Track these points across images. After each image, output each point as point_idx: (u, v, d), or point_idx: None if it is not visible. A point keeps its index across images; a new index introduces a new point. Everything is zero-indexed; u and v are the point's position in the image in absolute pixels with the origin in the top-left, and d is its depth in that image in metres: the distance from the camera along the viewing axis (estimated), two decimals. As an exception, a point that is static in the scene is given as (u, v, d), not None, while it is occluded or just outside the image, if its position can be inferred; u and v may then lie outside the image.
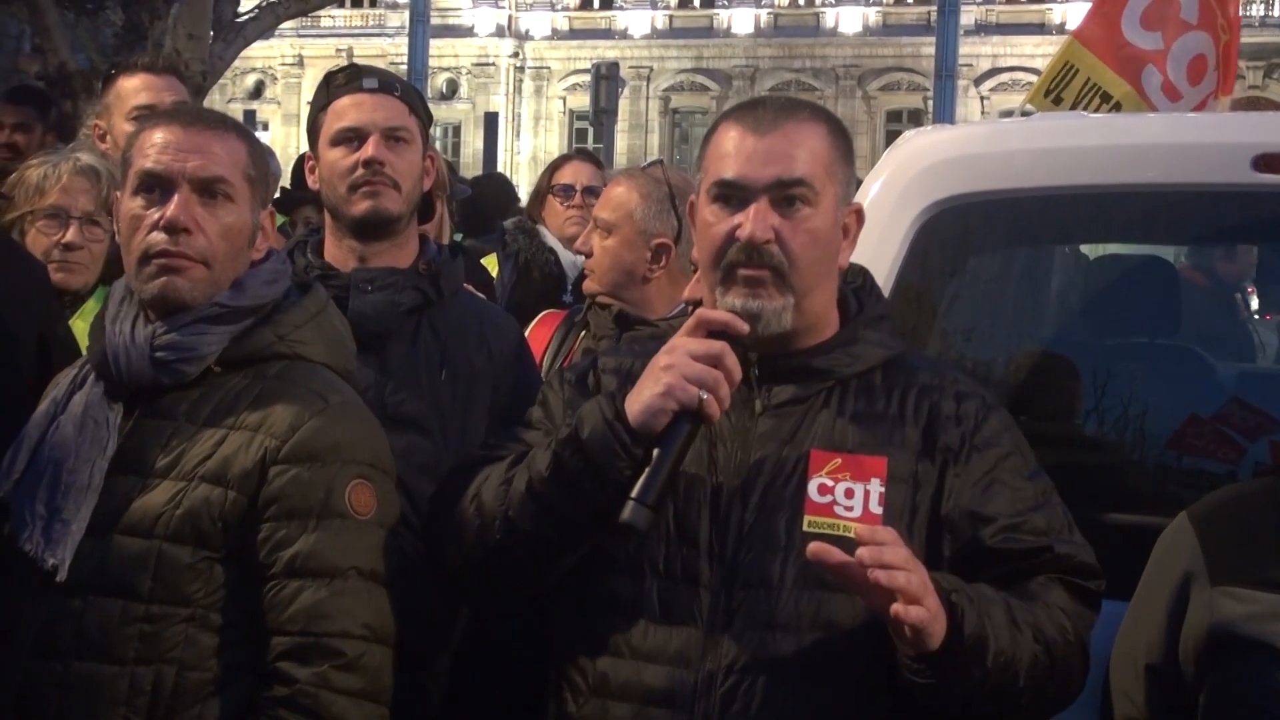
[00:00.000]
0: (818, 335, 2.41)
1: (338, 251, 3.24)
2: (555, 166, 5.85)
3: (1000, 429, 2.40)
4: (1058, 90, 5.64)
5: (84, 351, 2.70)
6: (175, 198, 2.48)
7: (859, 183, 2.97)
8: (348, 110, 3.21)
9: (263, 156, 2.63)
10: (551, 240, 5.54)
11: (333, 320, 2.64)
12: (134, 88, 4.47)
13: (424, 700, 3.07)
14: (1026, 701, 2.28)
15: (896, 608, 2.09)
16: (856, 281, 2.55)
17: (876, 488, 2.28)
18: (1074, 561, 2.37)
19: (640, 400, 2.24)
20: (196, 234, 2.48)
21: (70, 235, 3.70)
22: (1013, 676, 2.22)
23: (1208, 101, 5.41)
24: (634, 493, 2.21)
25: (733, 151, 2.35)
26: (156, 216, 2.48)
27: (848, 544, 2.24)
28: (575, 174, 5.68)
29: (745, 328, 2.28)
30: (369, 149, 3.17)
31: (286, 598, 2.38)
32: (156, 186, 2.50)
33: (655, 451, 2.23)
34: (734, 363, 2.25)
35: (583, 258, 5.55)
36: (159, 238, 2.47)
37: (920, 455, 2.34)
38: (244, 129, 2.63)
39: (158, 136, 2.52)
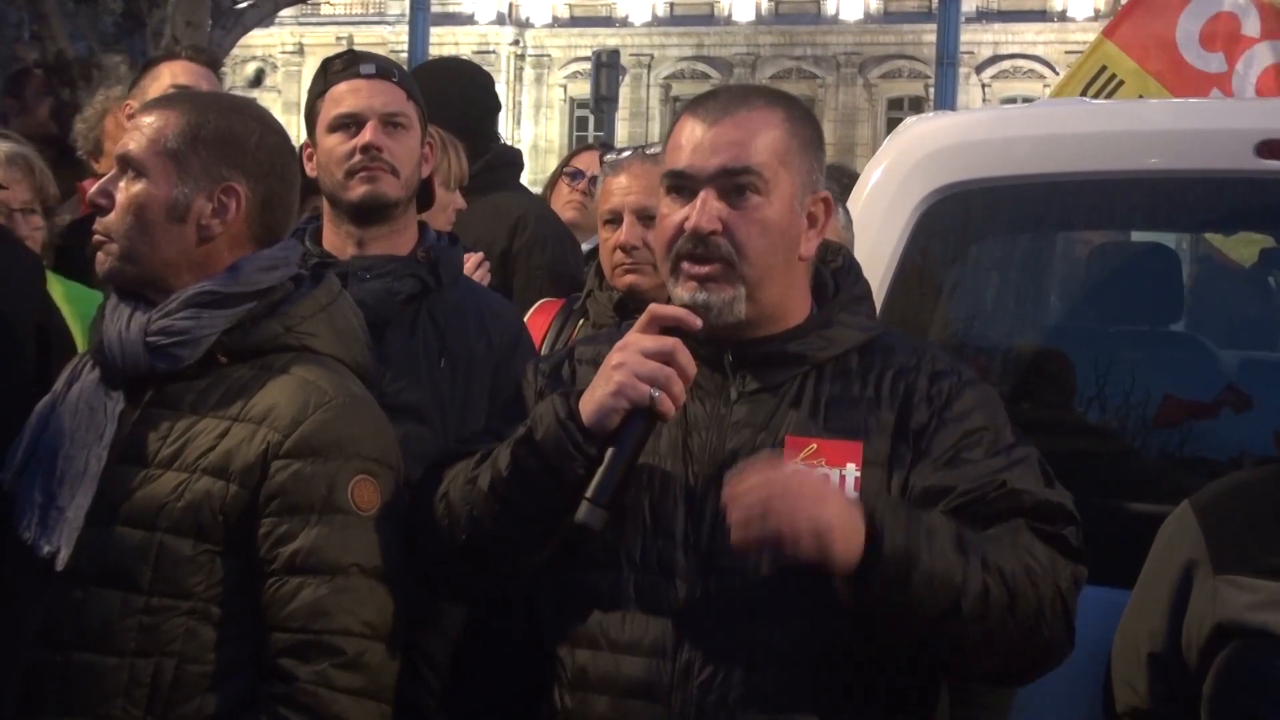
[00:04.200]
0: (790, 320, 2.37)
1: (336, 238, 3.23)
2: (575, 152, 5.95)
3: (972, 405, 2.33)
4: (1098, 98, 5.55)
5: (78, 343, 2.68)
6: None
7: (856, 172, 2.95)
8: (345, 96, 3.20)
9: (211, 125, 2.51)
10: None
11: (344, 312, 2.60)
12: (172, 72, 4.54)
13: (424, 692, 3.06)
14: (979, 636, 2.16)
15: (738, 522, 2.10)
16: (836, 262, 2.51)
17: (852, 473, 2.26)
18: (1036, 499, 2.25)
19: (593, 400, 2.24)
20: (109, 210, 2.49)
21: (20, 229, 3.72)
22: (953, 602, 2.12)
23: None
24: (588, 493, 2.21)
25: (684, 143, 2.34)
26: None
27: None
28: (589, 162, 5.71)
29: (698, 323, 2.27)
30: (367, 134, 3.16)
31: (287, 594, 2.36)
32: None
33: (610, 450, 2.22)
34: (687, 359, 2.24)
35: (584, 245, 5.58)
36: None
37: (895, 437, 2.30)
38: (201, 103, 2.58)
39: None
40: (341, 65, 3.25)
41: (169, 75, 4.50)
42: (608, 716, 2.28)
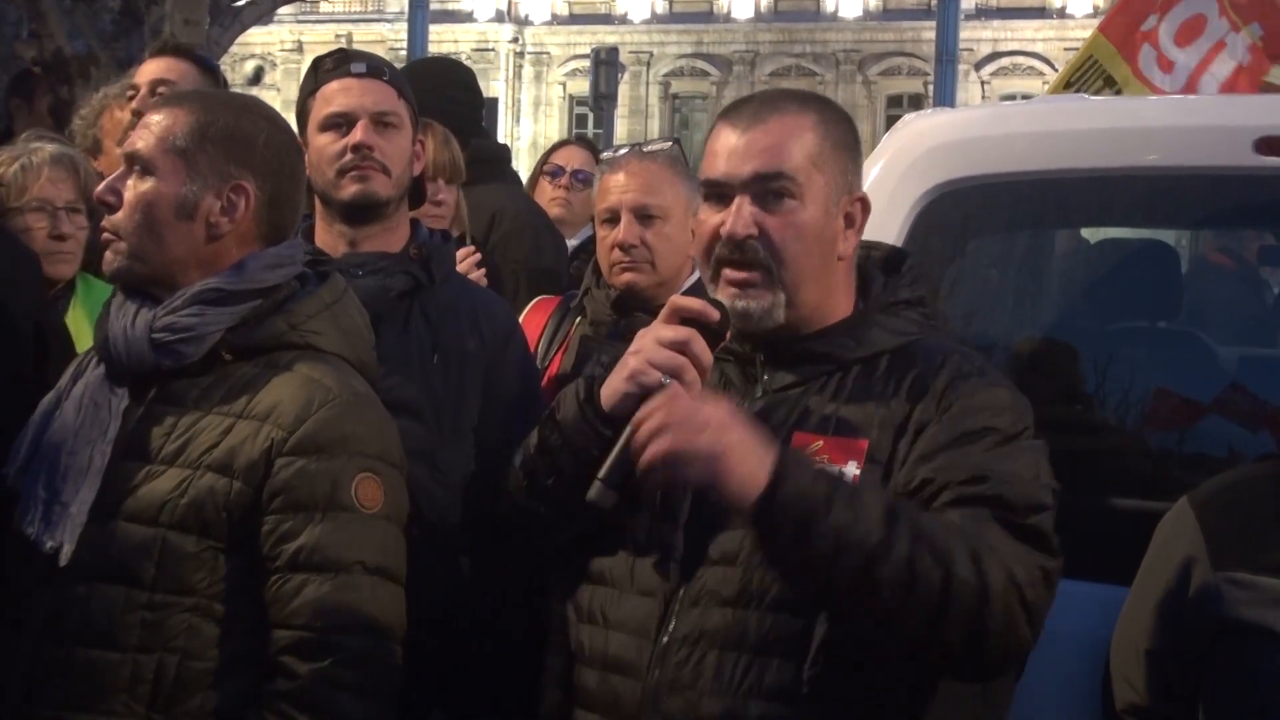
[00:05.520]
0: (828, 320, 2.41)
1: (328, 237, 3.23)
2: (551, 150, 5.93)
3: (979, 405, 2.30)
4: (1079, 83, 5.62)
5: (76, 341, 2.68)
6: None
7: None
8: (336, 95, 3.20)
9: (220, 124, 2.51)
10: None
11: (349, 310, 2.61)
12: (138, 71, 4.59)
13: (421, 691, 3.05)
14: (903, 610, 2.10)
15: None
16: (905, 264, 2.53)
17: (852, 469, 2.28)
18: (1007, 488, 2.21)
19: (610, 385, 2.33)
20: (116, 209, 2.50)
21: (64, 227, 3.73)
22: (865, 564, 2.08)
23: (1206, 67, 5.34)
24: (600, 473, 2.28)
25: (719, 150, 2.40)
26: None
27: None
28: (568, 157, 5.72)
29: (715, 315, 2.32)
30: (357, 134, 3.16)
31: (291, 591, 2.37)
32: None
33: (624, 433, 2.28)
34: (702, 349, 2.29)
35: (573, 240, 5.57)
36: None
37: (898, 434, 2.30)
38: (210, 102, 2.58)
39: None
40: (332, 64, 3.25)
41: (139, 76, 4.54)
42: (595, 689, 2.36)
